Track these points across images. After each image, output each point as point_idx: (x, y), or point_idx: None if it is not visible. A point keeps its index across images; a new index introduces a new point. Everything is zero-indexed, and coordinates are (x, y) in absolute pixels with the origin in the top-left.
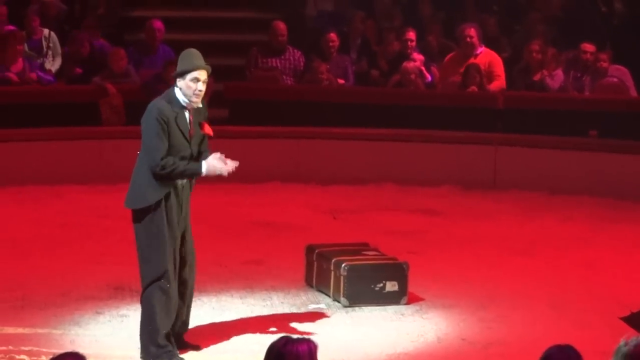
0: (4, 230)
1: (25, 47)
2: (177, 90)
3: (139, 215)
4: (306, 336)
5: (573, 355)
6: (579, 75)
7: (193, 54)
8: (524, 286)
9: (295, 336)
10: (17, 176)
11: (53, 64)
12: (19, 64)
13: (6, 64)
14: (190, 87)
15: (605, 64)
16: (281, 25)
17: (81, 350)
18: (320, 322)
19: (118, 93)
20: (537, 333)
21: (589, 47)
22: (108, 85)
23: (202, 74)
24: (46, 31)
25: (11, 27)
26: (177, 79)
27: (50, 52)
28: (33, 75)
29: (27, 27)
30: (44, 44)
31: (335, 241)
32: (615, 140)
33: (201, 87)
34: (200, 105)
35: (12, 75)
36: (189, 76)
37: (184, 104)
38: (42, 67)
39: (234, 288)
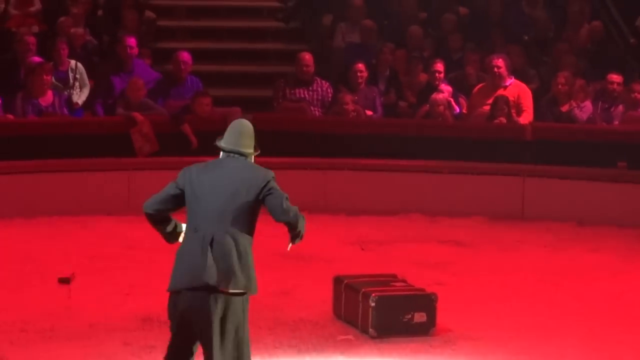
0: (33, 262)
1: (52, 78)
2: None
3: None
4: None
5: None
6: (607, 106)
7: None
8: (553, 317)
9: None
10: (45, 208)
11: (80, 96)
12: (49, 96)
13: (35, 95)
14: None
15: (639, 95)
16: (307, 56)
17: None
18: (348, 354)
19: (146, 120)
20: None
21: (615, 77)
22: (135, 114)
23: None
24: (73, 62)
25: (37, 59)
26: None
27: (77, 84)
28: (62, 110)
29: (55, 58)
30: (71, 75)
31: (364, 272)
32: None
33: None
34: None
35: (42, 107)
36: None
37: None
38: (69, 100)
39: (262, 319)
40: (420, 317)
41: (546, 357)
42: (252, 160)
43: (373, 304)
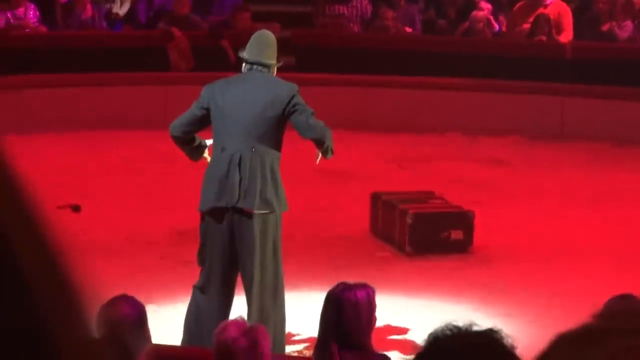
0: (70, 176)
1: None
2: None
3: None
4: (363, 282)
5: (635, 304)
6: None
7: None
8: (590, 238)
9: (352, 282)
10: (83, 121)
11: (121, 8)
12: (88, 11)
13: (75, 10)
14: None
15: None
16: None
17: (145, 296)
18: (384, 270)
19: (184, 36)
20: (601, 285)
21: None
22: (173, 29)
23: None
24: None
25: None
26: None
27: None
28: (101, 23)
29: None
30: None
31: (401, 189)
32: None
33: None
34: None
35: (81, 20)
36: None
37: None
38: (108, 13)
39: (299, 235)
40: (457, 234)
41: (581, 277)
42: (274, 71)
43: (410, 221)
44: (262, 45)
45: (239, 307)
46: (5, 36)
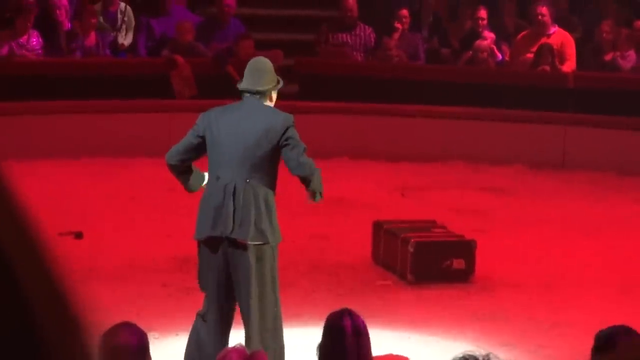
0: (74, 202)
1: (100, 18)
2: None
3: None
4: (347, 308)
5: (627, 333)
6: None
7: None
8: (592, 268)
9: (340, 309)
10: (85, 148)
11: (125, 38)
12: (92, 38)
13: (79, 37)
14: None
15: None
16: (350, 1)
17: (146, 323)
18: (386, 299)
19: (187, 63)
20: (604, 315)
21: None
22: (177, 57)
23: None
24: (122, 4)
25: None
26: (273, 92)
27: (124, 26)
28: (105, 51)
29: None
30: (119, 17)
31: (403, 218)
32: None
33: None
34: None
35: (85, 48)
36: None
37: None
38: (114, 42)
39: (300, 263)
40: (459, 263)
41: (584, 307)
42: (274, 94)
43: (412, 250)
44: (258, 72)
45: (235, 335)
46: (8, 62)
